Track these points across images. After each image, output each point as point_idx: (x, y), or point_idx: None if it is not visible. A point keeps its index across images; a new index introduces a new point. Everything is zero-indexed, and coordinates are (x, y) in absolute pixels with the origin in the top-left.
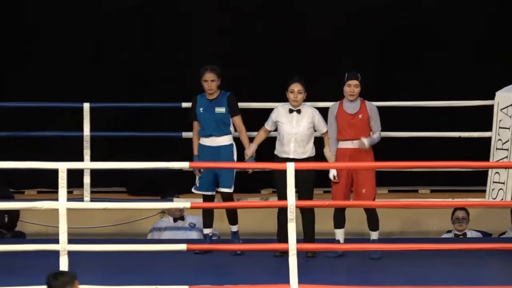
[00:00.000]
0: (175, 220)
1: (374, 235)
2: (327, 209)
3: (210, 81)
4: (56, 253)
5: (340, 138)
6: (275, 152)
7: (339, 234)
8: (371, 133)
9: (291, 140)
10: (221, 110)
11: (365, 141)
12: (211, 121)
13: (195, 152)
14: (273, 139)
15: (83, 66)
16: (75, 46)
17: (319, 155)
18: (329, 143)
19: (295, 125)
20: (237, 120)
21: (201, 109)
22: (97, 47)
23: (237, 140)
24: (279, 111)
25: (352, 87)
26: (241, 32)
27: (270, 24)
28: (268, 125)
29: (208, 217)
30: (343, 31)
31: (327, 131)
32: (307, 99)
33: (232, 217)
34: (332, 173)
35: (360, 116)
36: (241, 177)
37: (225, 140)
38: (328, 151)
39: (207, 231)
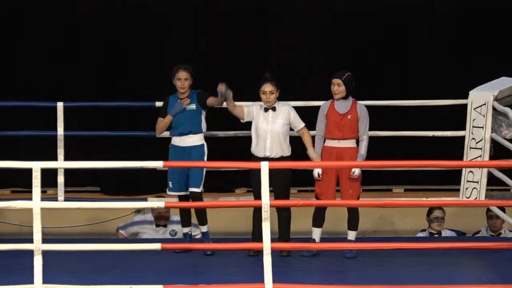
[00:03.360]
0: (157, 225)
1: (352, 235)
2: (302, 208)
3: (184, 80)
4: (30, 253)
5: (327, 137)
6: (252, 151)
7: (316, 233)
8: (359, 146)
9: (267, 138)
10: (191, 107)
11: (356, 171)
12: (183, 120)
13: (169, 117)
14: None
15: (57, 65)
16: (48, 45)
17: (299, 155)
18: (310, 142)
19: (270, 123)
20: (210, 98)
21: (169, 110)
22: (70, 46)
23: (207, 139)
24: (257, 109)
25: (335, 85)
26: (218, 32)
27: (246, 25)
28: (246, 110)
29: (185, 216)
30: (319, 32)
31: (304, 127)
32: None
33: (201, 217)
34: (317, 171)
35: (349, 116)
36: (216, 177)
37: (197, 139)
38: (313, 152)
39: (186, 230)
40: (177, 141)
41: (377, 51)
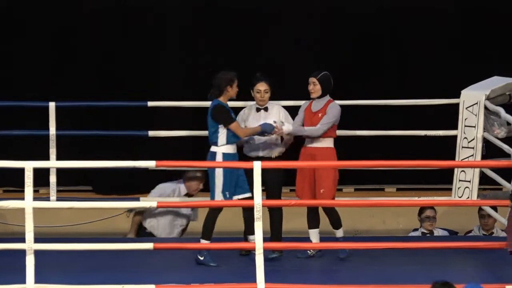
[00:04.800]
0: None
1: (339, 233)
2: (294, 207)
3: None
4: (22, 252)
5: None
6: (244, 152)
7: (312, 234)
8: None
9: (260, 138)
10: None
11: (283, 126)
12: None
13: (258, 128)
14: None
15: (49, 65)
16: (41, 45)
17: (292, 155)
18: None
19: (262, 122)
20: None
21: (232, 115)
22: (66, 46)
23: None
24: (246, 112)
25: (310, 84)
26: (215, 32)
27: (243, 25)
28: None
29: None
30: (312, 31)
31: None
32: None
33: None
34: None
35: (319, 114)
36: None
37: None
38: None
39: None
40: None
41: (370, 51)
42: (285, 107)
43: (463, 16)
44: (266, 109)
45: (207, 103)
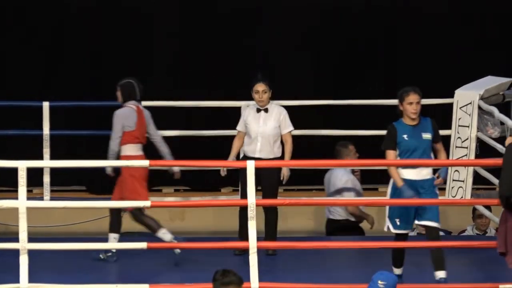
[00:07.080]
0: None
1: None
2: (288, 207)
3: (416, 103)
4: (16, 252)
5: None
6: (242, 150)
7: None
8: None
9: (257, 139)
10: (427, 136)
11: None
12: (419, 149)
13: (401, 182)
14: None
15: (43, 66)
16: (34, 45)
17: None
18: (288, 154)
19: (262, 124)
20: (440, 145)
21: (405, 136)
22: (55, 45)
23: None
24: (247, 111)
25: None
26: (207, 32)
27: (238, 25)
28: (241, 127)
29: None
30: (305, 30)
31: (289, 133)
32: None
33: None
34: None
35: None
36: (202, 176)
37: (429, 172)
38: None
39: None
40: (411, 174)
41: (364, 50)
42: (286, 107)
43: (458, 16)
44: (266, 110)
45: (202, 103)
